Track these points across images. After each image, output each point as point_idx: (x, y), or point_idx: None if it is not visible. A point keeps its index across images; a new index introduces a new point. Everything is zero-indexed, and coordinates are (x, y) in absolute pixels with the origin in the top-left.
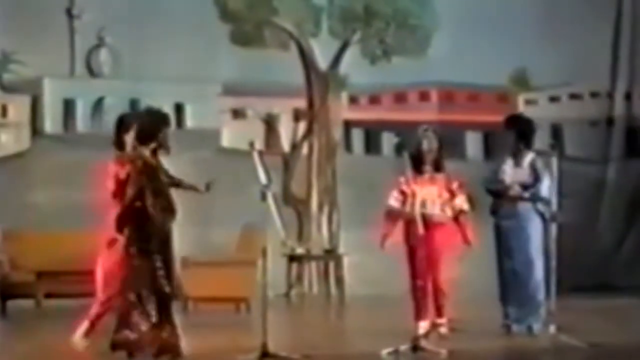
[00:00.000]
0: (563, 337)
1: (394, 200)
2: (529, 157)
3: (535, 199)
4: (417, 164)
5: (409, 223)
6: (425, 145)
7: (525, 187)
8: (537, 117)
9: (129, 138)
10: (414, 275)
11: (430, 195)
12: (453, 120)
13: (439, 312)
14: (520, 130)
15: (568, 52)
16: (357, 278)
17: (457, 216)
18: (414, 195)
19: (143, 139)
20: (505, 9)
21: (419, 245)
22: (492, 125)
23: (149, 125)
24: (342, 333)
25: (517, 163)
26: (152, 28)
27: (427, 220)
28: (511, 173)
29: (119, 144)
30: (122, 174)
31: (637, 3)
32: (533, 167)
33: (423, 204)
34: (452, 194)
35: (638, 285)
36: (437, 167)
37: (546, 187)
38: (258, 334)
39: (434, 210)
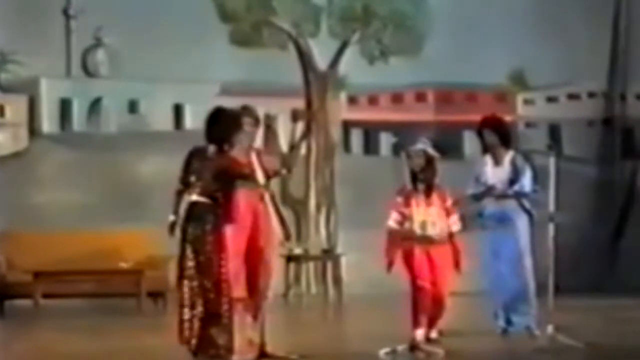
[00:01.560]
0: (561, 337)
1: (393, 222)
2: (508, 155)
3: (519, 195)
4: (413, 179)
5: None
6: (412, 165)
7: (509, 184)
8: (535, 116)
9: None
10: (415, 278)
11: (430, 217)
12: (450, 120)
13: (431, 324)
14: (499, 131)
15: (566, 51)
16: (355, 278)
17: (449, 237)
18: (411, 217)
19: None
20: (502, 8)
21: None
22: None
23: None
24: (340, 333)
25: (497, 162)
26: (150, 28)
27: (427, 242)
28: (492, 173)
29: None
30: None
31: (632, 3)
32: (513, 164)
33: (423, 226)
34: (448, 212)
35: (635, 285)
36: (429, 187)
37: (528, 181)
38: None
39: (435, 231)
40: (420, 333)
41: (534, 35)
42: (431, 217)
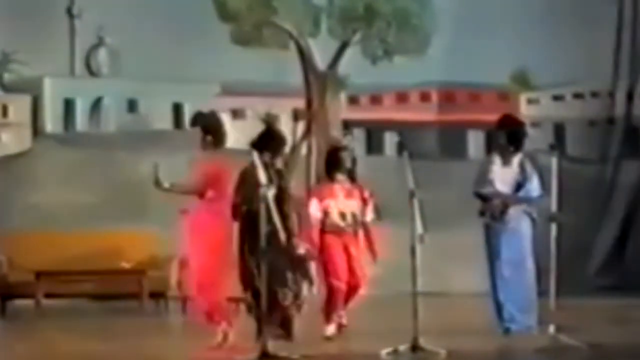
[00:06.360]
0: (562, 337)
1: (316, 210)
2: (517, 157)
3: (525, 200)
4: (331, 169)
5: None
6: (345, 159)
7: (517, 187)
8: (539, 116)
9: None
10: (330, 276)
11: (350, 208)
12: (454, 119)
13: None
14: (513, 132)
15: (570, 51)
16: None
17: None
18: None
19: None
20: (506, 7)
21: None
22: (493, 124)
23: None
24: (341, 333)
25: (506, 163)
26: (152, 28)
27: (343, 233)
28: (500, 173)
29: None
30: None
31: (638, 1)
32: (522, 167)
33: (342, 217)
34: (365, 203)
35: (638, 285)
36: (352, 178)
37: (535, 186)
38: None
39: (350, 222)
40: (331, 328)
41: (539, 34)
42: (350, 208)
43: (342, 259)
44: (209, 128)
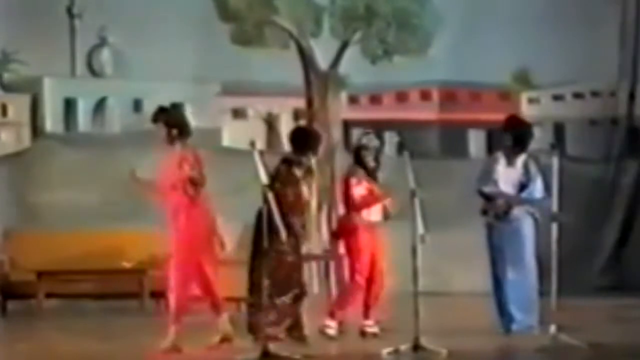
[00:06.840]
0: (563, 337)
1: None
2: (522, 157)
3: (529, 202)
4: (364, 168)
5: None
6: (368, 157)
7: (520, 187)
8: (540, 115)
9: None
10: (355, 272)
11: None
12: (455, 119)
13: (366, 313)
14: (519, 134)
15: (571, 50)
16: None
17: None
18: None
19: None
20: (507, 7)
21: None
22: (494, 123)
23: None
24: (342, 332)
25: (510, 163)
26: (153, 27)
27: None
28: (504, 173)
29: None
30: None
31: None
32: (526, 167)
33: (378, 213)
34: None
35: (638, 285)
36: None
37: (539, 188)
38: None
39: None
40: (333, 325)
41: (540, 33)
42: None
43: (368, 256)
44: (173, 121)
